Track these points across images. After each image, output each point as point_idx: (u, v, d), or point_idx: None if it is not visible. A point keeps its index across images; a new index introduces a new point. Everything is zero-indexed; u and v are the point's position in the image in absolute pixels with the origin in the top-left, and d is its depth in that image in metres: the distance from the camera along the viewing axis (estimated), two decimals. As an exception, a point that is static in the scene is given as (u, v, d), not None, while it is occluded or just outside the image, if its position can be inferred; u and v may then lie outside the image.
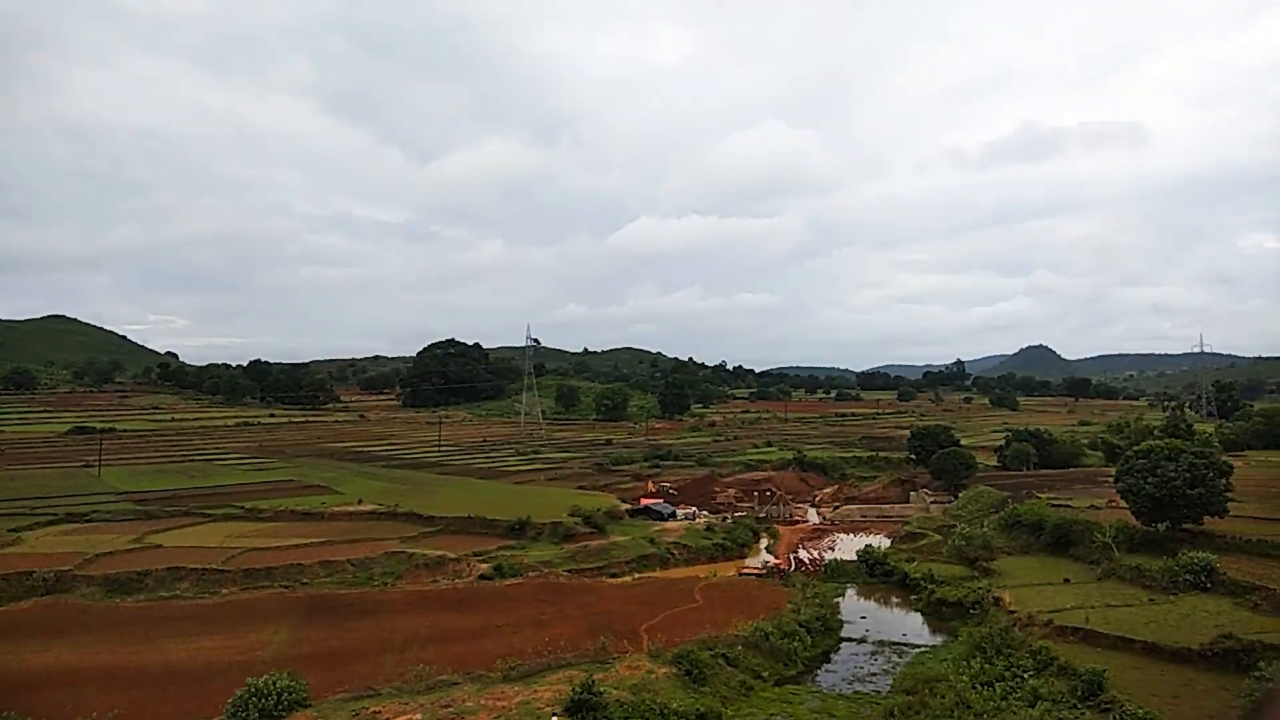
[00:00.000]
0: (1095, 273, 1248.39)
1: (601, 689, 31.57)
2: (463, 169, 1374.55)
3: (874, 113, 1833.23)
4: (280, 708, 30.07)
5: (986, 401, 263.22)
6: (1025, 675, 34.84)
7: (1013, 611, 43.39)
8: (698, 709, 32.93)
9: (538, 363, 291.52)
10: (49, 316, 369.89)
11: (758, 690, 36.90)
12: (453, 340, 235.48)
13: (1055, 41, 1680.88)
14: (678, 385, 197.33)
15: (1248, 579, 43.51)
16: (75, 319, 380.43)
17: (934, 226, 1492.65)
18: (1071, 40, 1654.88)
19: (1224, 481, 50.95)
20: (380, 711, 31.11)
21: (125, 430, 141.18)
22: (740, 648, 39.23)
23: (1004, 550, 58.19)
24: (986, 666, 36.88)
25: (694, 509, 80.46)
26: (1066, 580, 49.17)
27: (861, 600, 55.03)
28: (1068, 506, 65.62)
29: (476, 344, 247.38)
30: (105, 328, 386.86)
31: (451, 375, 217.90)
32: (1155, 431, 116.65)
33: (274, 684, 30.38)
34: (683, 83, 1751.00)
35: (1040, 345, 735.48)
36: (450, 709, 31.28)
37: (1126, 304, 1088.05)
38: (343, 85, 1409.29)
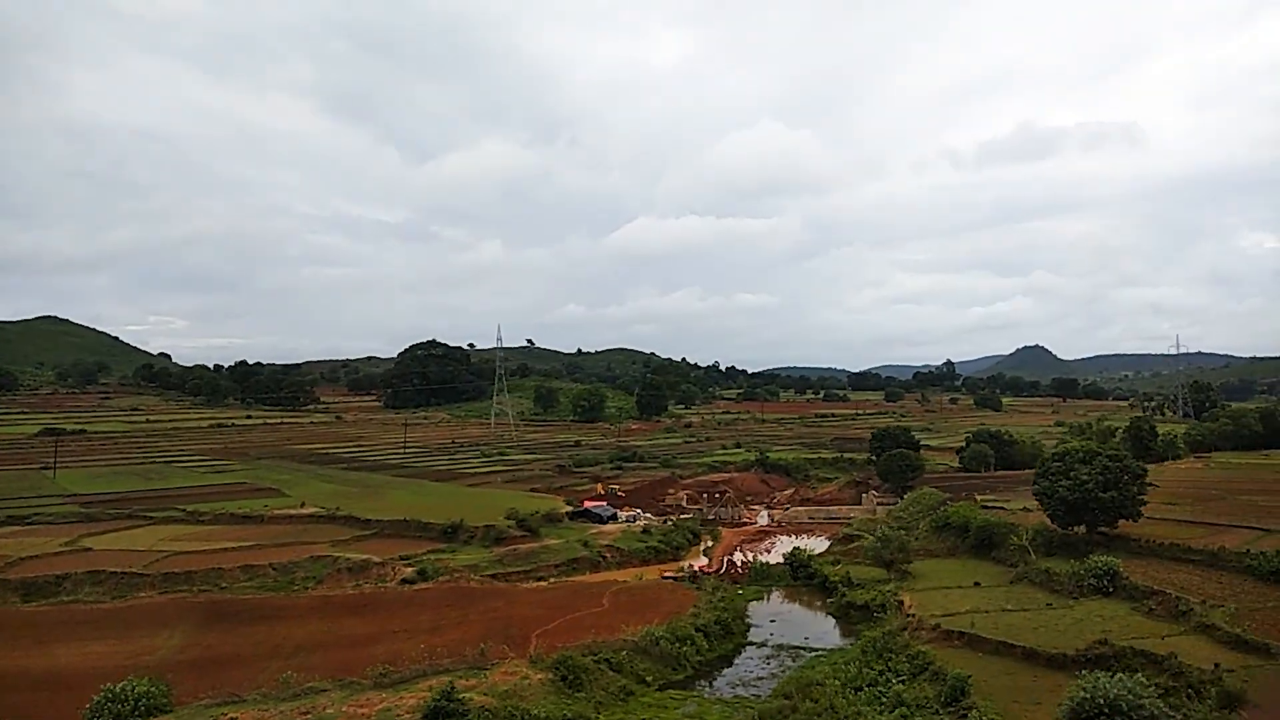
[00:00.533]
0: (1094, 273, 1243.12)
1: (466, 696, 31.58)
2: (462, 169, 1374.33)
3: (873, 113, 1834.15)
4: (138, 713, 30.08)
5: (972, 402, 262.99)
6: (895, 680, 34.83)
7: (910, 615, 43.32)
8: (565, 715, 32.88)
9: (525, 363, 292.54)
10: (40, 317, 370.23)
11: (638, 695, 36.85)
12: (434, 341, 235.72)
13: (1055, 41, 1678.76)
14: (655, 386, 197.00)
15: (1149, 583, 43.41)
16: (67, 319, 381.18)
17: (933, 226, 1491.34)
18: (1071, 40, 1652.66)
19: (1138, 485, 50.80)
20: (239, 718, 31.18)
21: (96, 432, 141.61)
22: (626, 652, 39.15)
23: (929, 552, 58.15)
24: (865, 670, 36.95)
25: (637, 511, 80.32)
26: (976, 584, 49.08)
27: (783, 603, 54.89)
28: (1000, 509, 65.51)
29: (471, 344, 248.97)
30: (97, 328, 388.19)
31: (432, 376, 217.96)
32: (1118, 433, 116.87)
33: (132, 689, 30.43)
34: (682, 83, 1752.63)
35: (1036, 346, 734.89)
36: (309, 716, 31.31)
37: (1125, 304, 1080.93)
38: (342, 85, 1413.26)
